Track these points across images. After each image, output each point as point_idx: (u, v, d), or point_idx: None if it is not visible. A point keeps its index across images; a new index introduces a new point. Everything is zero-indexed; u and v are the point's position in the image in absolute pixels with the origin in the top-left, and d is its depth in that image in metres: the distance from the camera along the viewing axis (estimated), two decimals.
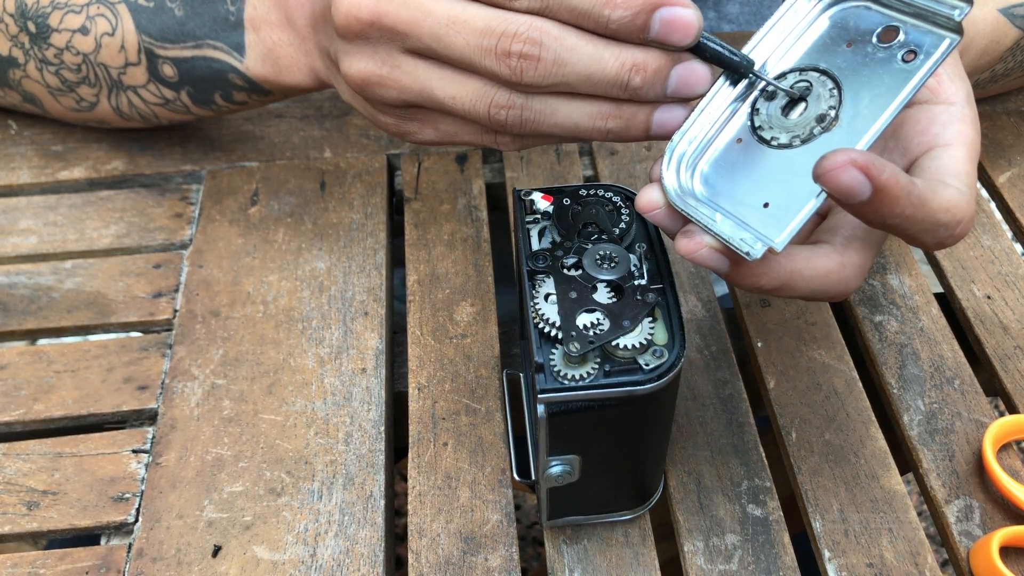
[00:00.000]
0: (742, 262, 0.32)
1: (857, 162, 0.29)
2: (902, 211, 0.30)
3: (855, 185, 0.29)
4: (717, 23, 0.70)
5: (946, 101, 0.35)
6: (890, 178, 0.29)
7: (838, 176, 0.29)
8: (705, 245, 0.32)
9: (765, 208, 0.32)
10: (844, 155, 0.29)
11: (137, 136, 0.59)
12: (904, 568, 0.40)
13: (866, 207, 0.30)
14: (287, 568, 0.40)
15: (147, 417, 0.46)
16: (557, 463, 0.36)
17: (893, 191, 0.29)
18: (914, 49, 0.32)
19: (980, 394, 0.46)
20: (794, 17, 0.35)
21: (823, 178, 0.29)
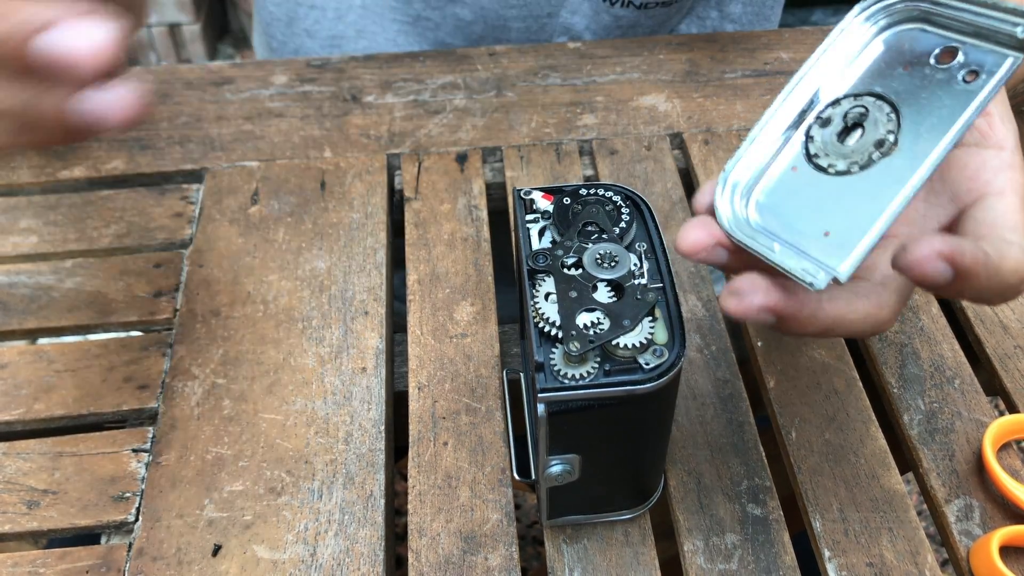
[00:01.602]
0: (791, 315, 0.31)
1: (943, 253, 0.28)
2: (979, 284, 0.30)
3: (940, 274, 0.29)
4: (720, 23, 0.70)
5: (997, 146, 0.34)
6: (972, 261, 0.29)
7: (923, 268, 0.29)
8: (755, 307, 0.31)
9: (825, 237, 0.31)
10: (928, 246, 0.28)
11: (137, 136, 0.59)
12: (904, 567, 0.40)
13: (946, 288, 0.30)
14: (287, 567, 0.40)
15: (147, 416, 0.46)
16: (557, 462, 0.36)
17: (974, 271, 0.29)
18: (975, 69, 0.31)
19: (980, 393, 0.46)
20: (847, 41, 0.34)
21: (908, 270, 0.29)
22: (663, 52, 0.64)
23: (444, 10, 0.66)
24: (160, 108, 0.61)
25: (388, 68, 0.63)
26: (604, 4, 0.65)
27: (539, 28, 0.68)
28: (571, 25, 0.67)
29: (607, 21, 0.67)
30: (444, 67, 0.63)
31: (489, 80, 0.62)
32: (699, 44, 0.65)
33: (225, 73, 0.63)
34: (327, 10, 0.68)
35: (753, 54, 0.65)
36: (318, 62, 0.64)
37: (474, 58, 0.64)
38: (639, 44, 0.65)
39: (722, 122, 0.60)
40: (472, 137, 0.59)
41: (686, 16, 0.70)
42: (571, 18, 0.67)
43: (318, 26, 0.69)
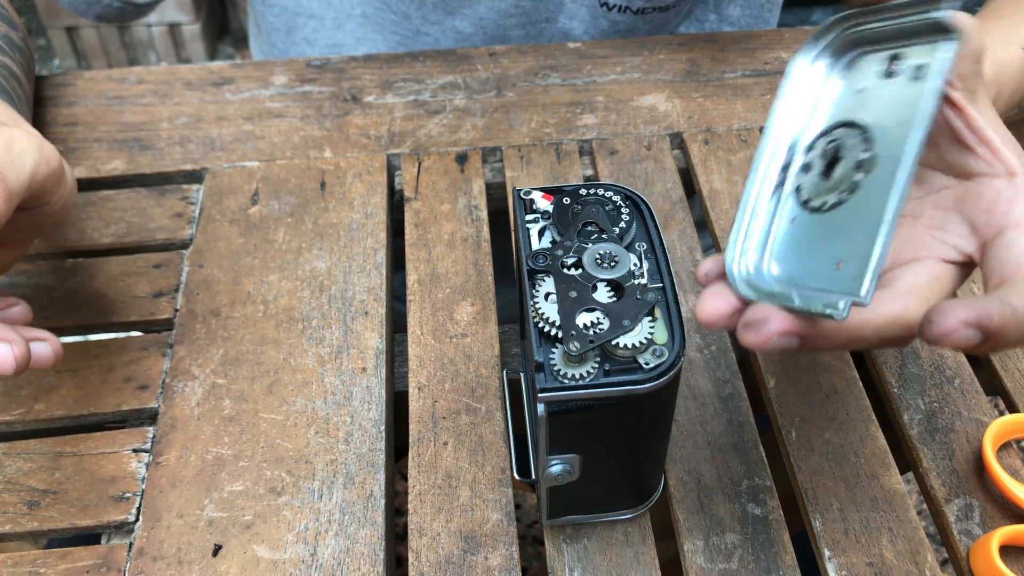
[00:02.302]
0: (813, 333, 0.31)
1: (969, 321, 0.28)
2: (1012, 338, 0.30)
3: (971, 339, 0.29)
4: (718, 26, 0.71)
5: (1007, 172, 0.34)
6: (1001, 321, 0.29)
7: (954, 339, 0.29)
8: (774, 334, 0.31)
9: (839, 269, 0.31)
10: (953, 317, 0.28)
11: (137, 136, 0.59)
12: (904, 567, 0.40)
13: (979, 347, 0.29)
14: (287, 567, 0.40)
15: (147, 416, 0.46)
16: (557, 462, 0.36)
17: (1004, 330, 0.29)
18: (920, 65, 0.32)
19: (980, 393, 0.46)
20: (803, 89, 0.35)
21: (938, 342, 0.29)
22: (663, 52, 0.65)
23: (443, 24, 0.66)
24: (160, 108, 0.61)
25: (388, 68, 0.63)
26: (601, 9, 0.65)
27: (537, 34, 0.68)
28: (569, 30, 0.67)
29: (604, 26, 0.67)
30: (444, 67, 0.63)
31: (489, 80, 0.62)
32: (699, 44, 0.65)
33: (225, 73, 0.63)
34: (325, 19, 0.68)
35: (753, 54, 0.65)
36: (318, 62, 0.64)
37: (474, 58, 0.64)
38: (639, 44, 0.65)
39: (722, 122, 0.60)
40: (472, 137, 0.59)
41: (684, 19, 0.70)
42: (569, 23, 0.67)
43: (317, 35, 0.69)
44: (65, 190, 0.42)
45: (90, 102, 0.62)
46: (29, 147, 0.39)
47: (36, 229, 0.43)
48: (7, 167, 0.37)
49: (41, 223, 0.42)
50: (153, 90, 0.62)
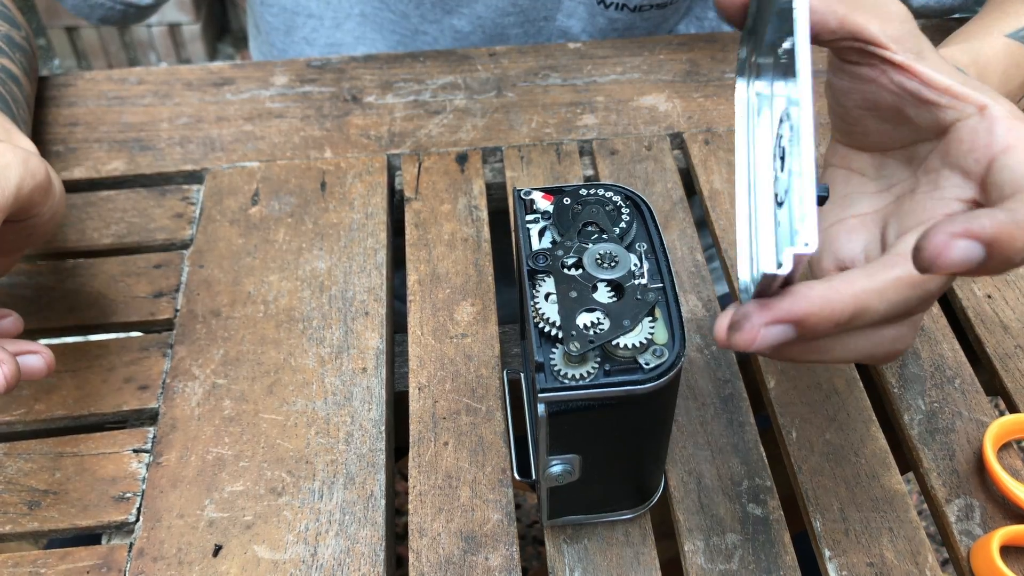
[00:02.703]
0: (804, 314, 0.29)
1: (957, 232, 0.26)
2: (1016, 248, 0.27)
3: (968, 254, 0.27)
4: (717, 23, 0.70)
5: (977, 109, 0.33)
6: (996, 228, 0.27)
7: (951, 257, 0.26)
8: (758, 327, 0.29)
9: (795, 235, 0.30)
10: (942, 232, 0.26)
11: (138, 136, 0.59)
12: (904, 567, 0.40)
13: (984, 267, 0.27)
14: (288, 567, 0.40)
15: (148, 417, 0.46)
16: (557, 462, 0.36)
17: (1005, 238, 0.27)
18: (781, 37, 0.33)
19: (980, 393, 0.46)
20: (746, 106, 0.35)
21: (935, 265, 0.27)
22: (663, 52, 0.64)
23: (441, 23, 0.66)
24: (160, 109, 0.61)
25: (388, 68, 0.63)
26: (599, 7, 0.65)
27: (536, 32, 0.68)
28: (567, 28, 0.67)
29: (603, 24, 0.67)
30: (444, 67, 0.63)
31: (489, 80, 0.62)
32: (699, 44, 0.65)
33: (225, 74, 0.63)
34: (324, 19, 0.68)
35: None
36: (318, 63, 0.64)
37: (474, 58, 0.64)
38: (639, 44, 0.65)
39: (722, 122, 0.60)
40: (472, 137, 0.59)
41: (684, 17, 0.70)
42: (567, 21, 0.67)
43: (316, 34, 0.69)
44: (53, 201, 0.42)
45: (90, 102, 0.62)
46: (14, 161, 0.39)
47: (26, 240, 0.43)
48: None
49: (31, 234, 0.43)
50: (153, 90, 0.62)
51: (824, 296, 0.29)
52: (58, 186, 0.43)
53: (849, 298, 0.29)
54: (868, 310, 0.30)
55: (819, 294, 0.29)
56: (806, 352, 0.32)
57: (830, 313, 0.29)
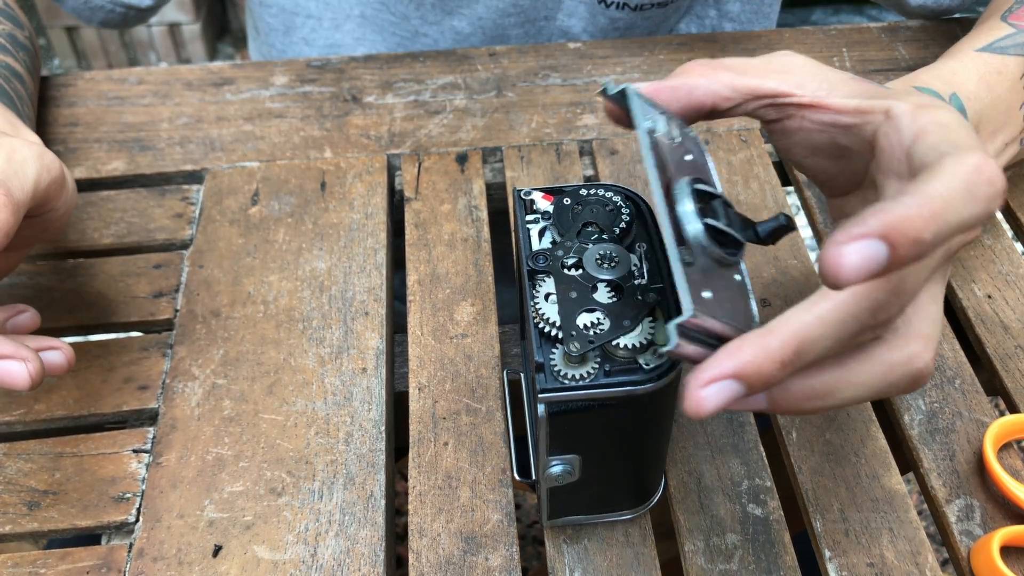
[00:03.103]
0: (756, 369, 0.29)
1: (843, 238, 0.25)
2: (930, 233, 0.26)
3: (869, 255, 0.25)
4: (719, 22, 0.70)
5: (884, 115, 0.33)
6: (884, 218, 0.26)
7: (848, 264, 0.25)
8: (697, 391, 0.28)
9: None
10: (831, 245, 0.26)
11: (137, 136, 0.59)
12: (905, 567, 0.40)
13: (900, 257, 0.26)
14: (288, 568, 0.40)
15: (148, 417, 0.46)
16: (557, 463, 0.36)
17: (899, 221, 0.26)
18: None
19: (981, 393, 0.46)
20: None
21: (840, 279, 0.26)
22: (663, 52, 0.64)
23: (441, 24, 0.66)
24: (160, 109, 0.61)
25: (388, 68, 0.63)
26: (600, 6, 0.65)
27: (536, 32, 0.68)
28: (568, 28, 0.67)
29: (603, 23, 0.67)
30: (444, 67, 0.63)
31: (489, 80, 0.62)
32: (699, 44, 0.65)
33: (225, 74, 0.63)
34: (323, 20, 0.68)
35: (753, 54, 0.64)
36: (318, 63, 0.64)
37: (474, 58, 0.64)
38: (639, 44, 0.65)
39: (722, 122, 0.60)
40: (472, 137, 0.59)
41: (684, 15, 0.70)
42: (568, 21, 0.67)
43: (315, 35, 0.69)
44: (67, 196, 0.43)
45: (90, 102, 0.62)
46: (30, 156, 0.39)
47: (40, 235, 0.43)
48: (10, 179, 0.38)
49: (46, 229, 0.43)
50: (153, 90, 0.62)
51: (758, 342, 0.28)
52: (71, 180, 0.43)
53: (788, 335, 0.28)
54: (813, 340, 0.29)
55: (752, 341, 0.28)
56: (804, 402, 0.31)
57: (767, 356, 0.28)
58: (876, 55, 0.64)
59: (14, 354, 0.36)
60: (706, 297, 0.29)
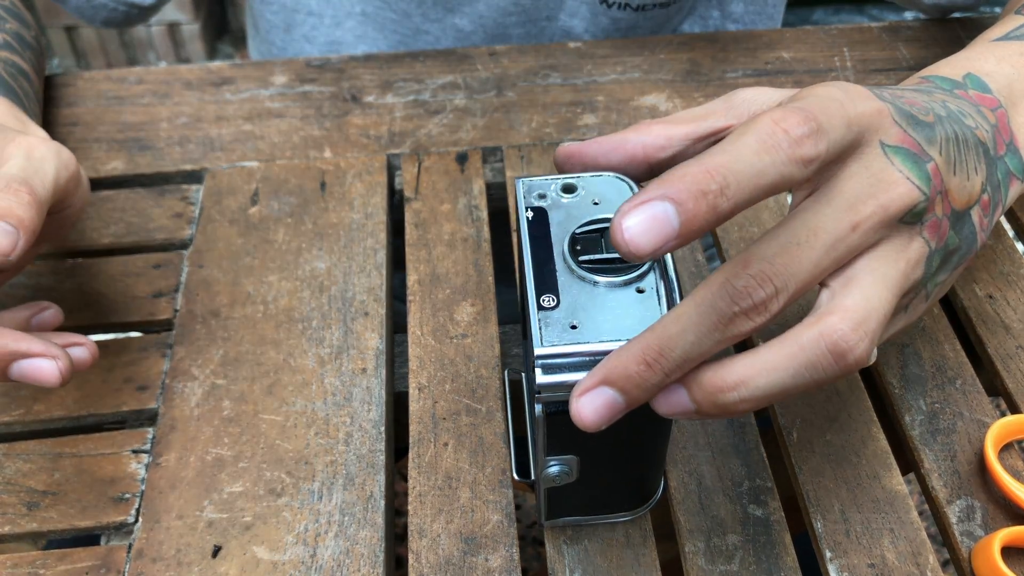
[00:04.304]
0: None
1: (633, 202, 0.26)
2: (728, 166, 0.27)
3: (658, 217, 0.26)
4: (722, 22, 0.70)
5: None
6: (670, 178, 0.26)
7: (634, 229, 0.26)
8: (574, 403, 0.30)
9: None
10: (619, 216, 0.26)
11: (137, 136, 0.59)
12: (905, 568, 0.40)
13: (693, 216, 0.26)
14: (287, 568, 0.40)
15: (147, 417, 0.46)
16: (555, 463, 0.36)
17: (690, 180, 0.26)
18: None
19: (982, 394, 0.46)
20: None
21: (628, 243, 0.26)
22: (664, 52, 0.64)
23: (443, 22, 0.66)
24: (160, 108, 0.61)
25: (388, 68, 0.63)
26: (601, 6, 0.65)
27: (538, 32, 0.67)
28: (570, 28, 0.67)
29: (605, 24, 0.67)
30: (444, 67, 0.63)
31: (489, 80, 0.62)
32: (700, 43, 0.65)
33: (225, 73, 0.63)
34: (324, 17, 0.68)
35: (754, 53, 0.65)
36: (318, 62, 0.64)
37: (474, 58, 0.64)
38: (640, 44, 0.65)
39: None
40: (472, 137, 0.59)
41: (687, 16, 0.70)
42: (570, 21, 0.67)
43: (316, 32, 0.69)
44: (82, 191, 0.43)
45: (89, 102, 0.61)
46: (48, 153, 0.39)
47: (58, 231, 0.43)
48: (32, 176, 0.38)
49: (62, 225, 0.43)
50: (152, 90, 0.62)
51: (622, 348, 0.30)
52: (84, 176, 0.44)
53: (647, 336, 0.30)
54: (674, 336, 0.30)
55: (618, 348, 0.30)
56: (720, 395, 0.31)
57: (631, 357, 0.30)
58: (877, 55, 0.64)
59: (45, 352, 0.36)
60: (574, 326, 0.33)
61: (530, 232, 0.37)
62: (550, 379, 0.33)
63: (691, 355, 0.30)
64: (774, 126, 0.28)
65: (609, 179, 0.39)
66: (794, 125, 0.28)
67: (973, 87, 0.39)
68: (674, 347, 0.29)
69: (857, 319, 0.30)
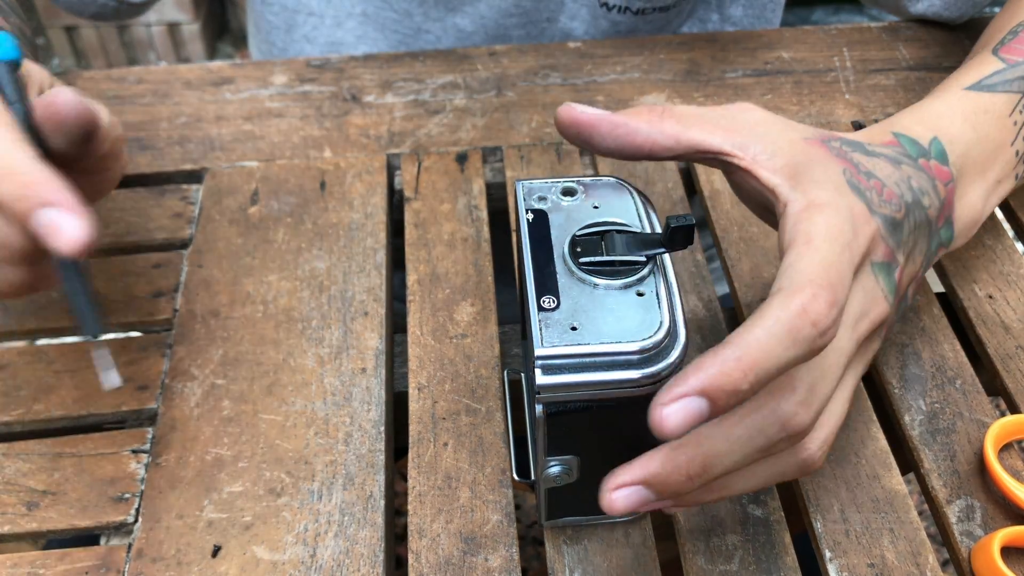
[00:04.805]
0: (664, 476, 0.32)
1: (664, 400, 0.29)
2: (760, 364, 0.29)
3: (690, 412, 0.29)
4: (721, 26, 0.70)
5: (783, 206, 0.35)
6: (702, 378, 0.29)
7: (672, 424, 0.29)
8: (621, 486, 0.32)
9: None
10: (657, 407, 0.29)
11: (137, 136, 0.59)
12: (905, 568, 0.40)
13: (719, 406, 0.29)
14: (287, 568, 0.40)
15: (147, 417, 0.46)
16: (555, 463, 0.36)
17: (717, 380, 0.29)
18: None
19: (981, 394, 0.46)
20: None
21: (666, 432, 0.29)
22: (663, 52, 0.64)
23: (444, 21, 0.66)
24: (159, 108, 0.61)
25: (388, 68, 0.63)
26: (602, 10, 0.65)
27: (539, 33, 0.67)
28: (570, 30, 0.67)
29: (605, 27, 0.67)
30: (444, 67, 0.63)
31: (489, 80, 0.62)
32: (699, 44, 0.65)
33: (225, 73, 0.63)
34: (325, 17, 0.68)
35: (754, 53, 0.65)
36: (318, 62, 0.64)
37: (474, 58, 0.64)
38: (639, 44, 0.65)
39: None
40: (472, 137, 0.59)
41: (687, 20, 0.70)
42: (570, 23, 0.67)
43: (316, 32, 0.69)
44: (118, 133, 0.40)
45: None
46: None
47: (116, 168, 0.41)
48: (91, 102, 0.36)
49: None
50: (152, 90, 0.62)
51: (669, 455, 0.32)
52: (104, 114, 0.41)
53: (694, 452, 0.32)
54: (720, 455, 0.32)
55: (663, 453, 0.32)
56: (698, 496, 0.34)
57: (676, 468, 0.32)
58: (877, 55, 0.64)
59: (76, 207, 0.32)
60: (574, 328, 0.33)
61: (530, 234, 0.37)
62: (550, 380, 0.33)
63: (730, 470, 0.32)
64: (803, 319, 0.30)
65: (610, 183, 0.39)
66: (822, 316, 0.30)
67: (935, 156, 0.41)
68: (718, 465, 0.32)
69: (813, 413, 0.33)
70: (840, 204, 0.34)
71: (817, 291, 0.30)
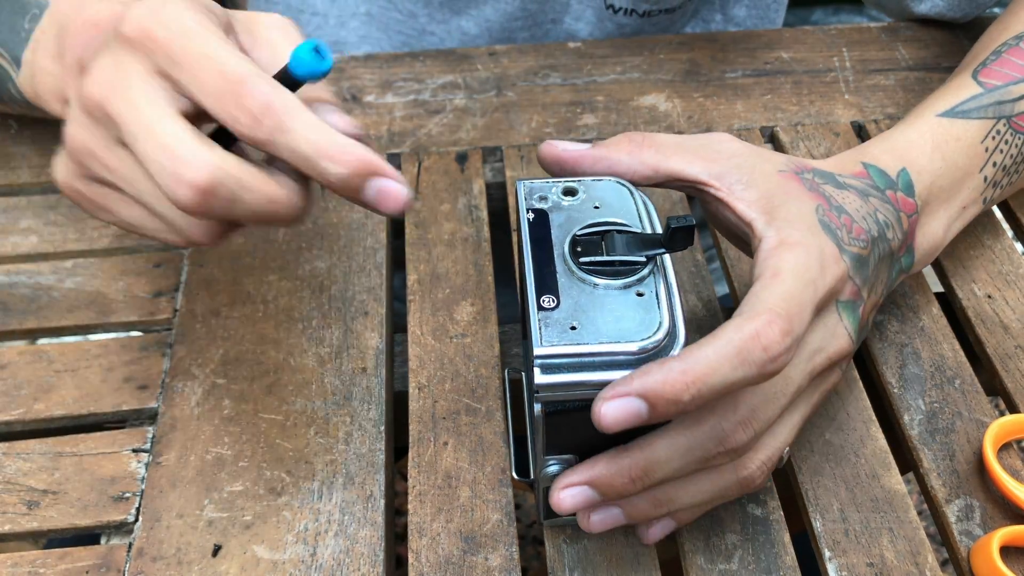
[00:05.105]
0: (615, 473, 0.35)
1: (616, 391, 0.31)
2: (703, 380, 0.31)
3: (627, 410, 0.31)
4: (724, 26, 0.70)
5: (757, 240, 0.37)
6: (650, 382, 0.30)
7: (609, 416, 0.31)
8: (568, 487, 0.35)
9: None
10: (599, 401, 0.31)
11: None
12: (904, 568, 0.40)
13: (657, 412, 0.31)
14: (287, 567, 0.40)
15: (147, 416, 0.46)
16: (554, 462, 0.36)
17: (664, 388, 0.30)
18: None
19: (981, 393, 0.46)
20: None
21: (600, 424, 0.31)
22: (663, 52, 0.64)
23: (449, 23, 0.66)
24: None
25: (388, 68, 0.63)
26: (607, 12, 0.65)
27: (543, 36, 0.67)
28: (575, 32, 0.67)
29: (610, 29, 0.67)
30: (444, 67, 0.63)
31: (489, 80, 0.62)
32: (699, 44, 0.65)
33: None
34: (329, 17, 0.68)
35: (754, 53, 0.65)
36: None
37: (474, 58, 0.64)
38: (639, 44, 0.65)
39: (722, 122, 0.60)
40: (472, 137, 0.59)
41: (690, 21, 0.70)
42: (575, 25, 0.67)
43: (319, 32, 0.69)
44: None
45: None
46: None
47: None
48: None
49: None
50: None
51: (612, 458, 0.35)
52: None
53: (638, 456, 0.35)
54: (661, 462, 0.35)
55: (608, 456, 0.35)
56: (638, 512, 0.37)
57: (618, 470, 0.35)
58: (876, 55, 0.64)
59: (397, 176, 0.34)
60: (574, 327, 0.34)
61: (531, 234, 0.37)
62: (549, 379, 0.33)
63: (669, 478, 0.35)
64: (755, 342, 0.31)
65: (610, 184, 0.39)
66: (774, 342, 0.32)
67: (902, 188, 0.42)
68: (658, 471, 0.34)
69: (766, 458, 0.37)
70: (811, 244, 0.36)
71: (773, 319, 0.32)
